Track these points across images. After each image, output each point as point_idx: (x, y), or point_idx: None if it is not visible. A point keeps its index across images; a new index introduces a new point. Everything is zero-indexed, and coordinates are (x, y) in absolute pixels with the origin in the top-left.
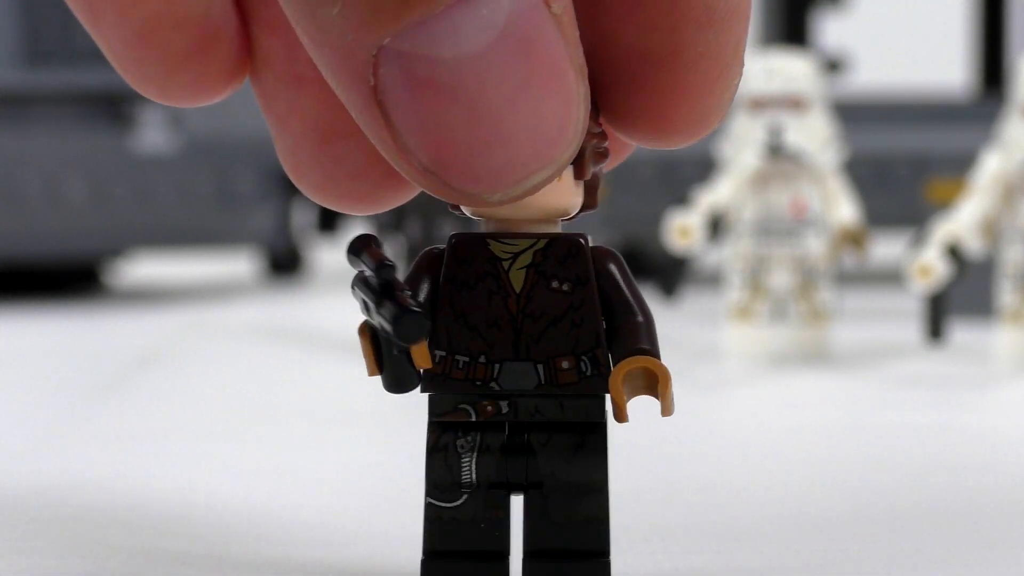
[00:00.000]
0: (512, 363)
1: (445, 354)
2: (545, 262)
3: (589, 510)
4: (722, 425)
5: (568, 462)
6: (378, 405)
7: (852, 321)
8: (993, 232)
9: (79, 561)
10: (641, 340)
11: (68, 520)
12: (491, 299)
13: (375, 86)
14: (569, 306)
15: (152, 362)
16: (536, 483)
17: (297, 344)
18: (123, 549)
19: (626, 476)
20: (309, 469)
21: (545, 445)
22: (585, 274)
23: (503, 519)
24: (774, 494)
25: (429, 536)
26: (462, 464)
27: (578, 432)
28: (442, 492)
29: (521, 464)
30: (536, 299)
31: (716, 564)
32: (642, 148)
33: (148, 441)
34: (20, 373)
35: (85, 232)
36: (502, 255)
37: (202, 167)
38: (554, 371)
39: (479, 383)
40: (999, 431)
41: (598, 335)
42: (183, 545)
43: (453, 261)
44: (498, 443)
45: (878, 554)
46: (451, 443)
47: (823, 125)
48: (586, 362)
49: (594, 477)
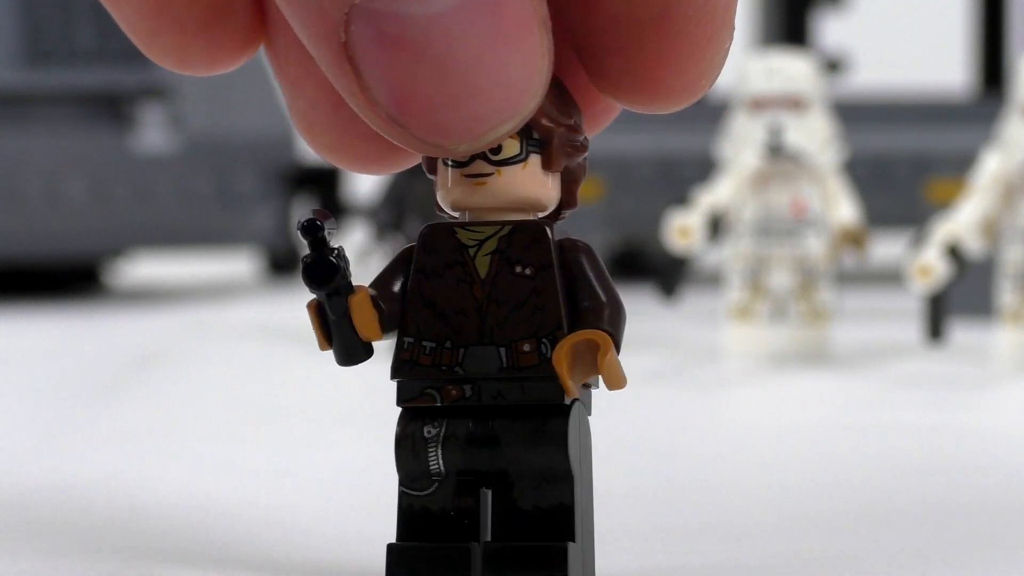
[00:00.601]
0: (476, 347)
1: (413, 341)
2: (509, 248)
3: (555, 497)
4: (722, 424)
5: (531, 448)
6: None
7: (852, 321)
8: (993, 232)
9: (79, 561)
10: (600, 321)
11: (68, 520)
12: (458, 286)
13: (346, 42)
14: (532, 290)
15: (152, 362)
16: (502, 472)
17: (297, 344)
18: (123, 549)
19: (625, 476)
20: (309, 469)
21: (508, 431)
22: (547, 259)
23: (473, 509)
24: (774, 493)
25: (401, 524)
26: (429, 453)
27: (540, 417)
28: (413, 481)
29: (486, 453)
30: (500, 284)
31: (716, 563)
32: (641, 148)
33: (148, 441)
34: (20, 373)
35: (85, 232)
36: (469, 242)
37: (202, 167)
38: (516, 354)
39: (444, 368)
40: (999, 431)
41: (559, 318)
42: (183, 545)
43: (423, 251)
44: (463, 432)
45: (878, 554)
46: (418, 432)
47: (823, 125)
48: (547, 344)
49: (558, 463)
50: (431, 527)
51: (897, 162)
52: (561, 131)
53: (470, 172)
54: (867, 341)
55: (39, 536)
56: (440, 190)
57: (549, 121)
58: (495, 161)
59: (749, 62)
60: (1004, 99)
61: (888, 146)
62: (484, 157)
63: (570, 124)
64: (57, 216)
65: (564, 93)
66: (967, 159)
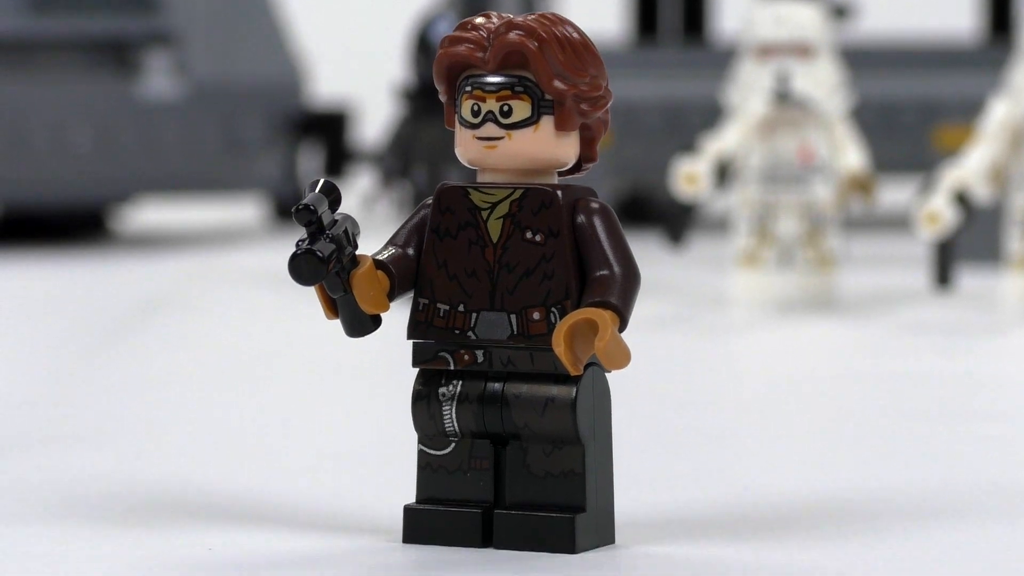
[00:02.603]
0: (487, 313)
1: (428, 302)
2: (520, 212)
3: (566, 464)
4: (728, 371)
5: (540, 415)
6: (386, 352)
7: (859, 267)
8: (1001, 179)
9: (82, 512)
10: (609, 293)
11: (71, 471)
12: (471, 249)
13: None
14: (541, 257)
15: (158, 308)
16: (514, 434)
17: (304, 290)
18: (127, 500)
19: (631, 424)
20: (316, 416)
21: (519, 396)
22: (557, 226)
23: (488, 470)
24: (780, 440)
25: (420, 482)
26: (443, 413)
27: (551, 383)
28: (431, 440)
29: (498, 416)
30: (511, 249)
31: (722, 512)
32: (648, 96)
33: (153, 390)
34: (25, 321)
35: (91, 179)
36: (482, 204)
37: (208, 113)
38: (526, 322)
39: (457, 332)
40: (1006, 377)
41: (568, 287)
42: (188, 496)
43: (438, 211)
44: (477, 393)
45: (883, 500)
46: (433, 392)
47: (830, 72)
48: (555, 314)
49: (567, 431)
50: (449, 486)
51: (905, 108)
52: (573, 92)
53: (482, 135)
54: (874, 288)
55: (44, 485)
56: (458, 147)
57: (561, 82)
58: (505, 124)
59: (756, 9)
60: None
61: (896, 93)
62: (495, 120)
63: (584, 82)
64: (63, 163)
65: (579, 48)
66: (975, 105)
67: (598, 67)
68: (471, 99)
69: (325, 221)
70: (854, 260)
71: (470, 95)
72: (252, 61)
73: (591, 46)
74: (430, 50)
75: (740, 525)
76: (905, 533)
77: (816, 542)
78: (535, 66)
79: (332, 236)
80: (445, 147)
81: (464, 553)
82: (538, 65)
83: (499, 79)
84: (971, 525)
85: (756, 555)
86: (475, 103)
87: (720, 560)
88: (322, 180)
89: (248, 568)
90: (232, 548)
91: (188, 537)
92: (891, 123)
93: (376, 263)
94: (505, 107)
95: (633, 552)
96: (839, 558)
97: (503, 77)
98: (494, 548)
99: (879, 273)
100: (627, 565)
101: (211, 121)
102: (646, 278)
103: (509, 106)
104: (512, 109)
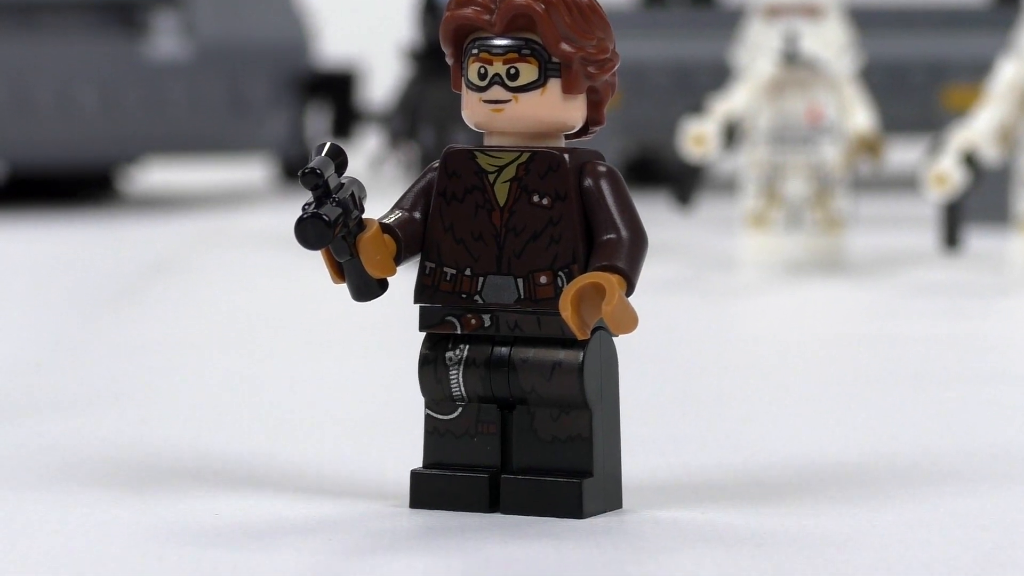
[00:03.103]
0: (494, 277)
1: (435, 266)
2: (527, 176)
3: (573, 429)
4: (736, 334)
5: (547, 379)
6: (392, 316)
7: (867, 229)
8: (1009, 140)
9: (85, 479)
10: (616, 257)
11: (75, 437)
12: (477, 212)
13: None
14: (548, 221)
15: (165, 271)
16: (521, 399)
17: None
18: (131, 467)
19: (639, 386)
20: (322, 381)
21: (525, 360)
22: (564, 190)
23: (495, 435)
24: (788, 405)
25: (427, 446)
26: (451, 378)
27: (557, 347)
28: (438, 404)
29: (504, 380)
30: (518, 213)
31: (730, 477)
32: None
33: (159, 353)
34: (30, 283)
35: (97, 140)
36: (488, 168)
37: (215, 73)
38: (533, 286)
39: (464, 296)
40: (1014, 338)
41: (575, 251)
42: (193, 463)
43: (444, 175)
44: (483, 357)
45: (892, 464)
46: (440, 356)
47: (839, 32)
48: (562, 278)
49: (573, 395)
50: (456, 451)
51: (913, 69)
52: (580, 54)
53: (488, 98)
54: (883, 249)
55: (48, 450)
56: (464, 110)
57: (568, 45)
58: (512, 88)
59: None
60: (1021, 6)
61: (904, 53)
62: (502, 83)
63: (591, 45)
64: (69, 124)
65: (586, 11)
66: (983, 66)
67: (605, 30)
68: (478, 62)
69: (331, 185)
70: (862, 221)
71: (477, 58)
72: (259, 21)
73: (598, 8)
74: (437, 11)
75: (748, 490)
76: (913, 498)
77: (825, 507)
78: (542, 29)
79: (338, 200)
80: (453, 108)
81: (471, 518)
82: (545, 28)
83: (506, 42)
84: (980, 488)
85: (764, 520)
86: (482, 66)
87: (728, 526)
88: (328, 143)
89: (254, 533)
90: (238, 513)
91: (193, 503)
92: (899, 84)
93: (382, 227)
94: (512, 70)
95: (640, 517)
96: (847, 523)
97: (510, 40)
98: (501, 513)
99: (887, 234)
100: (634, 531)
101: (218, 81)
102: (654, 240)
103: (516, 69)
104: (519, 72)
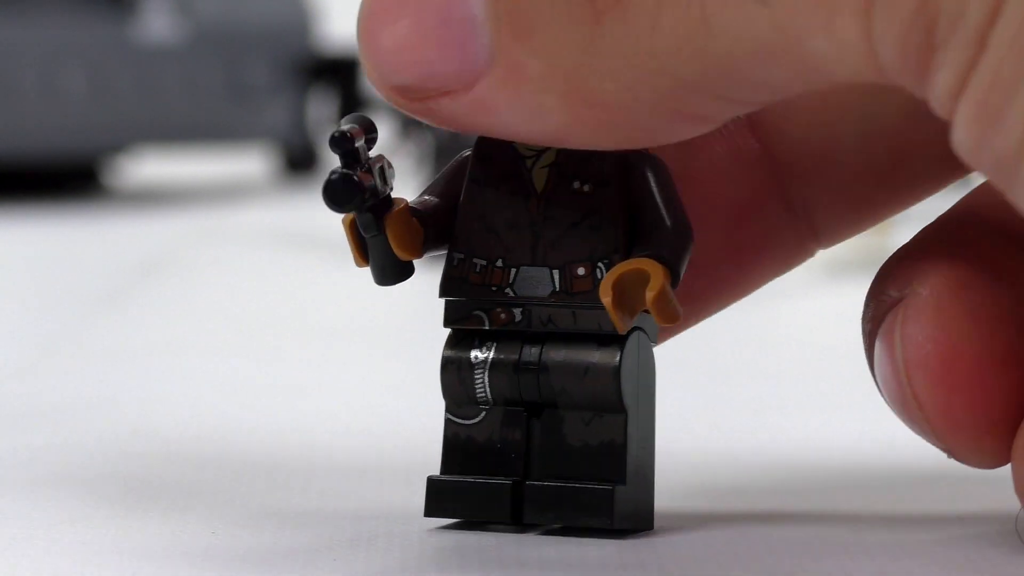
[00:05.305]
0: (528, 268)
1: (464, 257)
2: (568, 161)
3: (606, 434)
4: (777, 337)
5: (581, 381)
6: (398, 314)
7: (916, 226)
8: None
9: (75, 489)
10: (661, 247)
11: (65, 445)
12: (513, 200)
13: None
14: (589, 208)
15: (156, 271)
16: (551, 403)
17: (313, 249)
18: (124, 476)
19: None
20: (322, 382)
21: (558, 361)
22: (608, 175)
23: (520, 442)
24: (828, 411)
25: (445, 454)
26: (476, 379)
27: (593, 347)
28: (459, 407)
29: (534, 382)
30: (556, 200)
31: (767, 487)
32: None
33: (151, 358)
34: (12, 283)
35: (84, 128)
36: (526, 153)
37: (211, 57)
38: (569, 278)
39: (494, 288)
40: None
41: (616, 241)
42: (189, 472)
43: (477, 161)
44: (512, 357)
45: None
46: (465, 356)
47: None
48: (602, 269)
49: (608, 398)
50: (476, 459)
51: None
52: None
53: None
54: None
55: (34, 462)
56: None
57: None
58: None
59: None
60: None
61: None
62: None
63: None
64: (54, 111)
65: None
66: None
67: None
68: None
69: (361, 154)
70: (910, 219)
71: None
72: (259, 2)
73: None
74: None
75: (786, 502)
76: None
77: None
78: None
79: (368, 167)
80: None
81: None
82: None
83: None
84: None
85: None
86: None
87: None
88: (360, 115)
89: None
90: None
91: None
92: None
93: (411, 211)
94: None
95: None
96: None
97: None
98: (524, 522)
99: None
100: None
101: (214, 66)
102: None
103: None
104: None
